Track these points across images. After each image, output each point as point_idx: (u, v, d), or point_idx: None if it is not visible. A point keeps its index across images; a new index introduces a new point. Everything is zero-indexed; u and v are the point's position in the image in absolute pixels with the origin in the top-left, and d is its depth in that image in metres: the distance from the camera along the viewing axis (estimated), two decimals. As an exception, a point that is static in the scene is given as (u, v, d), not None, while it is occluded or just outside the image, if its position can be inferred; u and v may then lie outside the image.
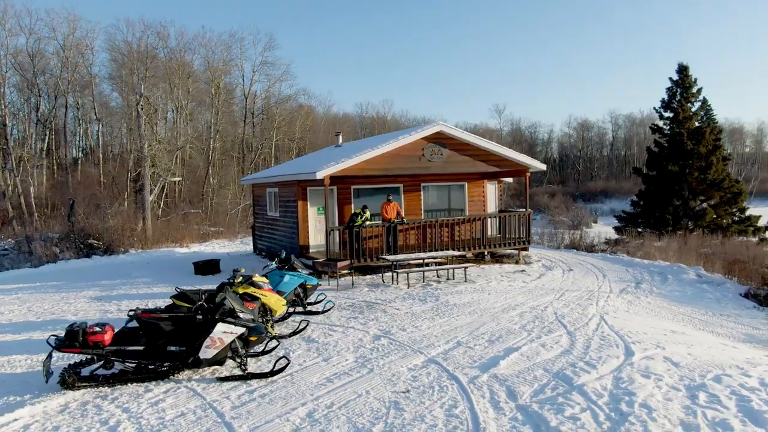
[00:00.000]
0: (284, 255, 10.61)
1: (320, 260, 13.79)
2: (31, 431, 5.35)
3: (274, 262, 10.31)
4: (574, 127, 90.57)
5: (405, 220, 15.52)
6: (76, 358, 7.04)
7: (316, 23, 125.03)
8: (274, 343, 7.84)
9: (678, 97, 29.52)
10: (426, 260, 14.05)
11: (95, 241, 22.79)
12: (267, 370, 6.84)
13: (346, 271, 13.69)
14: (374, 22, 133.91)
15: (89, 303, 11.89)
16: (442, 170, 16.04)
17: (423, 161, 15.46)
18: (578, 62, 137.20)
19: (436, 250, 15.19)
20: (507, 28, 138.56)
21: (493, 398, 5.98)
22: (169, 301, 7.35)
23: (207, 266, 16.16)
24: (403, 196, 17.48)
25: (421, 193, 17.88)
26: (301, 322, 8.80)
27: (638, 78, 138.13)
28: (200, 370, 6.84)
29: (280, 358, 6.95)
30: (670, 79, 29.91)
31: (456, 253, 15.01)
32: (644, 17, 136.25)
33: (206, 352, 6.50)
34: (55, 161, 40.70)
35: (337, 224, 16.68)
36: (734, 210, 27.22)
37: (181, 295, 8.38)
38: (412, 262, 13.93)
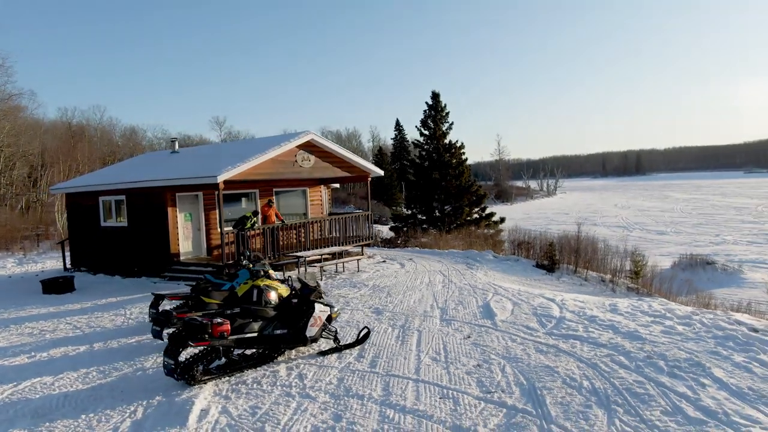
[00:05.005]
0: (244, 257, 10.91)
1: (230, 263, 13.87)
2: (232, 412, 5.55)
3: (244, 260, 10.56)
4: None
5: (285, 222, 16.44)
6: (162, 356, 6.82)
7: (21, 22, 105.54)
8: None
9: (432, 118, 36.21)
10: (323, 256, 15.37)
11: None
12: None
13: (261, 271, 14.08)
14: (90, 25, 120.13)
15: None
16: (309, 175, 17.46)
17: (296, 167, 16.67)
18: (294, 82, 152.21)
19: (307, 249, 16.57)
20: (228, 47, 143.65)
21: (526, 332, 8.38)
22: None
23: (57, 284, 14.20)
24: (258, 201, 18.18)
25: (274, 198, 18.83)
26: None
27: (345, 100, 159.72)
28: (289, 352, 7.41)
29: (363, 329, 8.01)
30: (427, 103, 36.56)
31: (340, 248, 16.64)
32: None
33: (311, 330, 7.21)
34: None
35: (204, 230, 16.54)
36: (477, 209, 34.93)
37: (204, 291, 8.52)
38: (309, 258, 15.09)
